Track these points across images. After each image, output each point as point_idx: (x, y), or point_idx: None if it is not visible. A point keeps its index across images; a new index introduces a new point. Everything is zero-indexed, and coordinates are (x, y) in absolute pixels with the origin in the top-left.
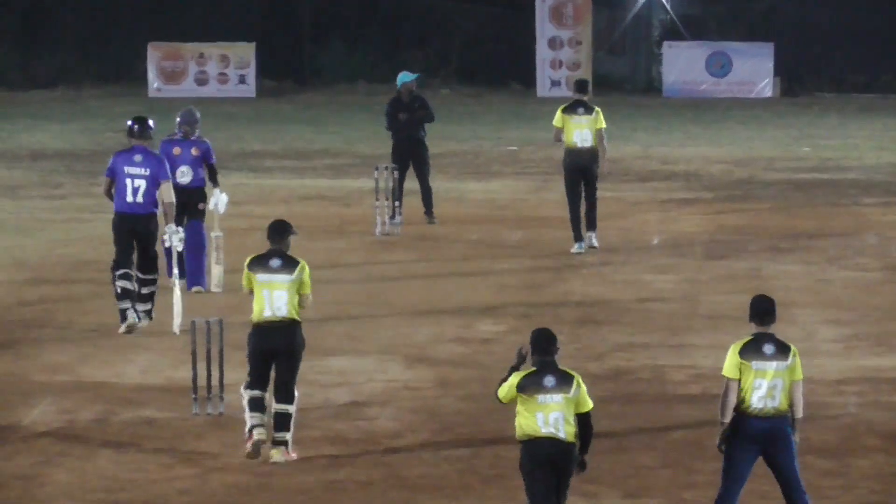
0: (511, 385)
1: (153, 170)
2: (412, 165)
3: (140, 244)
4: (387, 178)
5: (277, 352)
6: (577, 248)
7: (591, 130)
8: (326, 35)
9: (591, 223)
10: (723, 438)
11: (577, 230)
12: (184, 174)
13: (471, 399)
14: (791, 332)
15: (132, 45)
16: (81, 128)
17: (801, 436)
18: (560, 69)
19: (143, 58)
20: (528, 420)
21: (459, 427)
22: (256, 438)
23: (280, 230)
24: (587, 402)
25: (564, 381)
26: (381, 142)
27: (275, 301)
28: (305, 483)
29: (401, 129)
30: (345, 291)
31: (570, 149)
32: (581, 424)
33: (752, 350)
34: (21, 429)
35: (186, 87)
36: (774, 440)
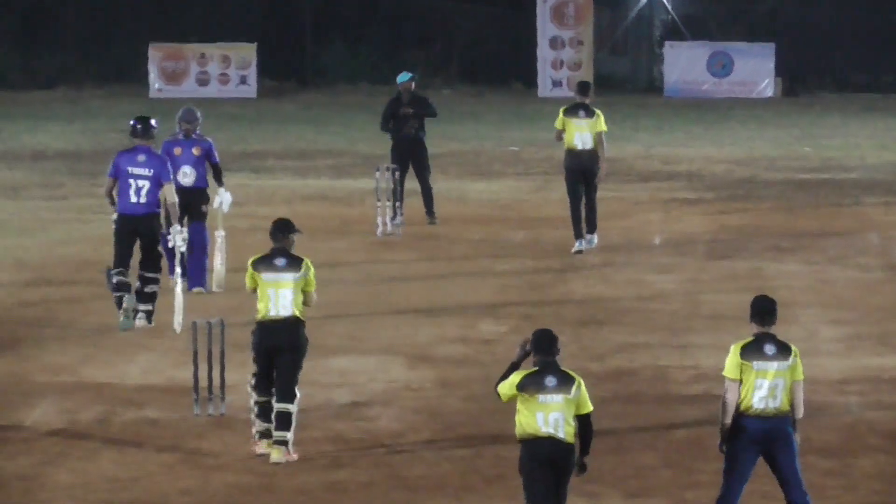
0: (512, 384)
1: (156, 170)
2: (412, 166)
3: (143, 244)
4: (388, 179)
5: (281, 349)
6: (578, 247)
7: (592, 133)
8: (328, 35)
9: (592, 225)
10: (724, 439)
11: (578, 228)
12: (186, 175)
13: (472, 399)
14: (793, 332)
15: (133, 46)
16: (82, 128)
17: (803, 436)
18: (561, 69)
19: (145, 58)
20: (529, 420)
21: (461, 427)
22: (262, 450)
23: (284, 228)
24: (587, 404)
25: (565, 382)
26: (383, 142)
27: (280, 299)
28: (307, 483)
29: (399, 129)
30: (346, 291)
31: (571, 151)
32: (581, 426)
33: (753, 350)
34: (23, 429)
35: (188, 88)
36: (775, 440)
